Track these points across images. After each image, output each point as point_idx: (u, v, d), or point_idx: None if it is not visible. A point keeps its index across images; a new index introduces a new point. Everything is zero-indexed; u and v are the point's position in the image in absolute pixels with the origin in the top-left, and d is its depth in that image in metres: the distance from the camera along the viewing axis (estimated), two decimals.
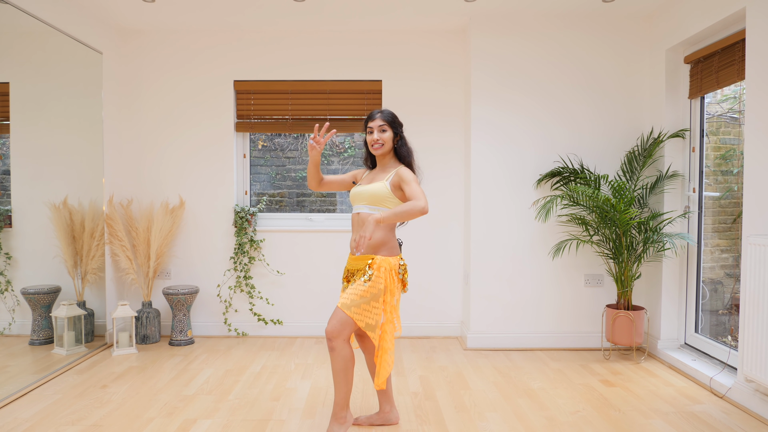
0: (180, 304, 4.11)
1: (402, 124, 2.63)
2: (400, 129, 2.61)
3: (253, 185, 4.61)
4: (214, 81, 4.37)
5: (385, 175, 2.58)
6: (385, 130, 2.57)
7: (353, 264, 2.57)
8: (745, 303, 2.88)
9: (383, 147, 2.57)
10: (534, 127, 4.07)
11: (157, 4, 3.82)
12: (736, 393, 2.99)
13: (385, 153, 2.60)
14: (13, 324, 3.30)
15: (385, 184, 2.52)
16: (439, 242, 4.39)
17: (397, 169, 2.55)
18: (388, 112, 2.60)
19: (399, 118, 2.66)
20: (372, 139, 2.57)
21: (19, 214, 3.28)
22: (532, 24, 4.04)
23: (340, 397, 2.47)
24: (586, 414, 2.85)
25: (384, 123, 2.56)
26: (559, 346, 4.10)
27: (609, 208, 3.59)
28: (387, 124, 2.57)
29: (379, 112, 2.59)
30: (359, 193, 2.57)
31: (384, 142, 2.57)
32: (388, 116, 2.58)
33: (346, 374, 2.43)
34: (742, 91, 3.53)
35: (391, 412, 2.71)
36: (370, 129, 2.59)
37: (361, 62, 4.35)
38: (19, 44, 3.30)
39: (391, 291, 2.47)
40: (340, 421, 2.50)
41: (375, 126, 2.57)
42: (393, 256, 2.51)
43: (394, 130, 2.58)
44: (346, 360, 2.42)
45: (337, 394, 2.47)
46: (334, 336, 2.40)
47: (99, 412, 2.85)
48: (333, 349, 2.41)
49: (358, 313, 2.40)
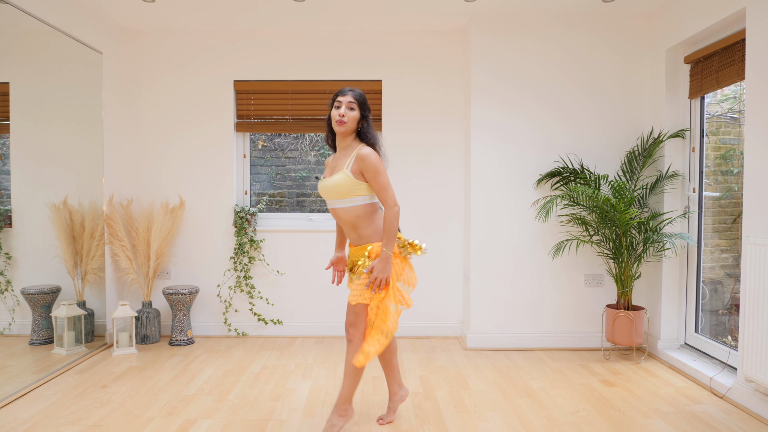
0: (180, 304, 4.11)
1: (370, 110, 2.52)
2: (368, 113, 2.49)
3: (253, 185, 4.61)
4: (214, 81, 4.37)
5: (345, 160, 2.43)
6: (353, 108, 2.43)
7: (354, 254, 2.55)
8: (745, 303, 2.88)
9: (345, 125, 2.41)
10: (534, 127, 4.07)
11: (157, 4, 3.82)
12: (736, 393, 2.99)
13: (347, 133, 2.46)
14: (13, 324, 3.30)
15: (346, 173, 2.38)
16: (439, 242, 4.39)
17: (357, 150, 2.39)
18: (360, 92, 2.47)
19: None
20: (338, 113, 2.41)
21: (19, 214, 3.28)
22: (532, 24, 4.04)
23: (347, 390, 2.47)
24: (586, 414, 2.85)
25: (354, 101, 2.43)
26: (559, 346, 4.10)
27: (609, 208, 3.59)
28: (356, 103, 2.43)
29: (350, 89, 2.47)
30: (324, 189, 2.46)
31: (348, 121, 2.41)
32: (359, 96, 2.46)
33: (357, 368, 2.44)
34: (742, 91, 3.53)
35: (401, 390, 2.72)
36: (338, 103, 2.43)
37: (361, 62, 4.34)
38: (20, 44, 3.30)
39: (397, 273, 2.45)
40: (341, 413, 2.50)
41: (344, 101, 2.42)
42: None
43: (362, 112, 2.45)
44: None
45: (345, 386, 2.47)
46: (351, 326, 2.42)
47: (99, 412, 2.85)
48: (350, 341, 2.43)
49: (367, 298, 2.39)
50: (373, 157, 2.35)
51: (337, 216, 2.48)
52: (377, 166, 2.35)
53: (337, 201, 2.43)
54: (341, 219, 2.48)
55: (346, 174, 2.38)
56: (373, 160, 2.35)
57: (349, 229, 2.49)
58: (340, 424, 2.50)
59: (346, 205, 2.42)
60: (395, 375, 2.72)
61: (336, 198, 2.43)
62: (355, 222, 2.44)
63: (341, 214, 2.45)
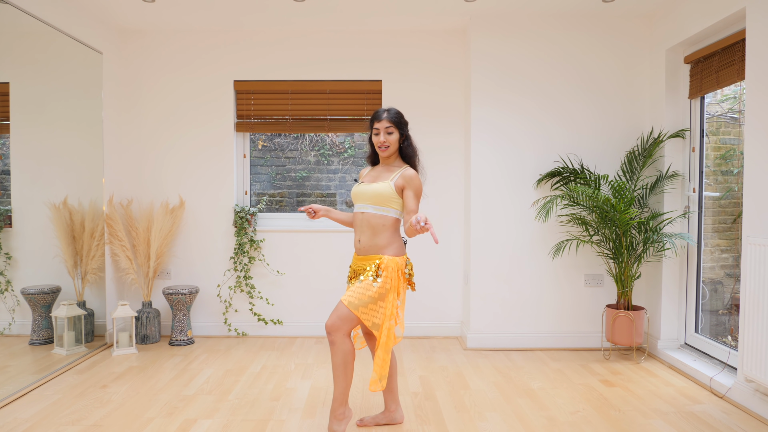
0: (180, 304, 4.11)
1: (407, 123, 2.62)
2: (405, 129, 2.60)
3: (253, 185, 4.61)
4: (214, 81, 4.37)
5: (390, 174, 2.56)
6: (391, 132, 2.55)
7: (359, 264, 2.56)
8: (745, 303, 2.88)
9: (389, 149, 2.56)
10: (534, 128, 4.07)
11: (157, 5, 3.82)
12: (736, 393, 2.99)
13: (390, 154, 2.60)
14: (13, 324, 3.30)
15: (390, 184, 2.51)
16: (440, 242, 4.39)
17: (403, 170, 2.54)
18: (395, 112, 2.57)
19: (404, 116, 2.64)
20: (379, 141, 2.55)
21: (19, 214, 3.28)
22: (532, 24, 4.04)
23: (339, 392, 2.45)
24: (586, 414, 2.85)
25: (391, 125, 2.54)
26: (559, 346, 4.10)
27: (609, 208, 3.59)
28: (393, 126, 2.55)
29: (385, 111, 2.56)
30: (362, 192, 2.55)
31: (390, 144, 2.55)
32: (395, 116, 2.55)
33: (345, 369, 2.42)
34: (742, 91, 3.53)
35: (397, 411, 2.71)
36: (377, 130, 2.56)
37: (361, 62, 4.35)
38: (20, 44, 3.30)
39: (397, 290, 2.47)
40: (338, 417, 2.49)
41: (381, 128, 2.54)
42: (399, 255, 2.52)
43: (400, 130, 2.57)
44: (345, 354, 2.41)
45: (336, 389, 2.45)
46: (333, 330, 2.40)
47: (99, 412, 2.85)
48: (333, 343, 2.41)
49: (365, 312, 2.40)
50: (417, 180, 2.54)
51: (365, 220, 2.53)
52: (418, 190, 2.53)
53: (371, 206, 2.53)
54: (367, 222, 2.52)
55: (389, 185, 2.51)
56: (417, 182, 2.54)
57: (369, 233, 2.52)
58: (341, 428, 2.49)
59: (378, 212, 2.52)
60: (394, 396, 2.70)
61: (373, 203, 2.52)
62: (379, 230, 2.51)
63: (369, 218, 2.51)
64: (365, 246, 2.53)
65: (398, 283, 2.48)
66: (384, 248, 2.49)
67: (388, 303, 2.43)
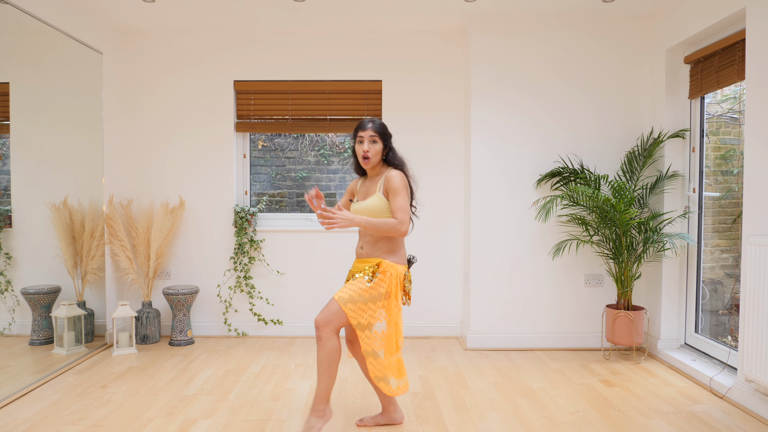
0: (180, 304, 4.11)
1: (391, 135, 2.60)
2: (389, 140, 2.57)
3: (253, 185, 4.61)
4: (214, 81, 4.37)
5: (376, 186, 2.55)
6: (375, 141, 2.52)
7: (358, 266, 2.57)
8: (745, 303, 2.88)
9: (371, 161, 2.53)
10: (534, 128, 4.07)
11: (157, 5, 3.82)
12: (736, 393, 2.99)
13: (374, 165, 2.57)
14: (13, 324, 3.30)
15: (378, 196, 2.50)
16: (439, 242, 4.39)
17: (385, 175, 2.51)
18: (379, 122, 2.55)
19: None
20: (362, 149, 2.52)
21: (19, 214, 3.28)
22: (532, 25, 4.04)
23: (322, 389, 2.43)
24: (586, 414, 2.85)
25: (375, 134, 2.52)
26: (559, 346, 4.10)
27: (609, 208, 3.59)
28: (378, 136, 2.52)
29: (370, 121, 2.55)
30: (359, 211, 2.54)
31: (372, 156, 2.52)
32: (379, 127, 2.53)
33: (330, 366, 2.41)
34: (742, 91, 3.53)
35: (396, 412, 2.71)
36: (360, 138, 2.53)
37: (361, 62, 4.35)
38: (20, 45, 3.30)
39: (394, 296, 2.47)
40: (318, 414, 2.46)
41: (366, 136, 2.52)
42: (401, 264, 2.53)
43: (384, 141, 2.54)
44: (331, 351, 2.40)
45: (319, 385, 2.43)
46: (322, 325, 2.39)
47: (99, 412, 2.85)
48: (319, 339, 2.40)
49: (353, 310, 2.40)
50: (397, 179, 2.46)
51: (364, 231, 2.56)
52: (398, 187, 2.45)
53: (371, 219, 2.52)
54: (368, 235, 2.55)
55: (379, 197, 2.50)
56: (396, 181, 2.45)
57: (371, 241, 2.54)
58: (318, 425, 2.46)
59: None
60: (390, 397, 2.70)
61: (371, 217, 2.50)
62: (381, 238, 2.52)
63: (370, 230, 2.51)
64: (367, 252, 2.54)
65: (395, 290, 2.48)
66: (384, 254, 2.51)
67: (378, 308, 2.44)
